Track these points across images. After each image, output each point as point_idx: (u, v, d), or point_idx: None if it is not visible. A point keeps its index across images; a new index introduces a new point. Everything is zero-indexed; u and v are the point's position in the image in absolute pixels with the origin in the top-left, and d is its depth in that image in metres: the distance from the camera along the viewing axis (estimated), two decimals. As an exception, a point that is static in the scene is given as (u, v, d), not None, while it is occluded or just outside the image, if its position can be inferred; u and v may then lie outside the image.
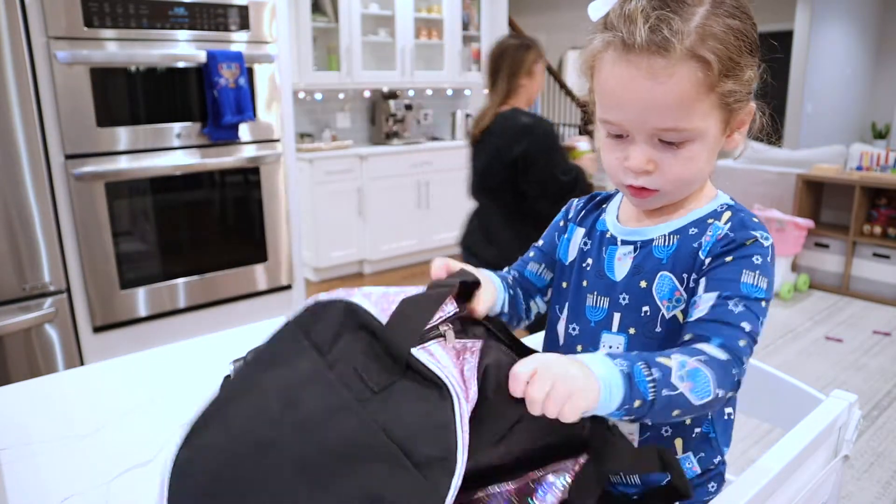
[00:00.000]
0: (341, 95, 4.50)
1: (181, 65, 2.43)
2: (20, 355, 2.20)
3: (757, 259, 0.68)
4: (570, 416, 0.54)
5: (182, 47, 2.43)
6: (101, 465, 0.85)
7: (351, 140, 4.46)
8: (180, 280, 2.58)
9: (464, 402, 0.55)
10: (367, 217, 4.24)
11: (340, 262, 4.26)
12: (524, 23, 7.24)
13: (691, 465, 0.76)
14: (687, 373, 0.60)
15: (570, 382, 0.55)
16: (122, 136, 2.35)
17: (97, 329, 2.41)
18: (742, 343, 0.65)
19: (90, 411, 1.00)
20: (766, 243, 0.69)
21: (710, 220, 0.72)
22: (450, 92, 5.08)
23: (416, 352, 0.57)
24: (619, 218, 0.80)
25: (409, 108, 4.58)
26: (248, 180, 2.71)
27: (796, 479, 0.74)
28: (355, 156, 4.14)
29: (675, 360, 0.61)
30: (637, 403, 0.58)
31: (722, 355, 0.63)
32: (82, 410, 1.00)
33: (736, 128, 0.72)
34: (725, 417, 0.78)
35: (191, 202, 2.59)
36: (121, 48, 2.29)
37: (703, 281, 0.69)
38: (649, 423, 0.66)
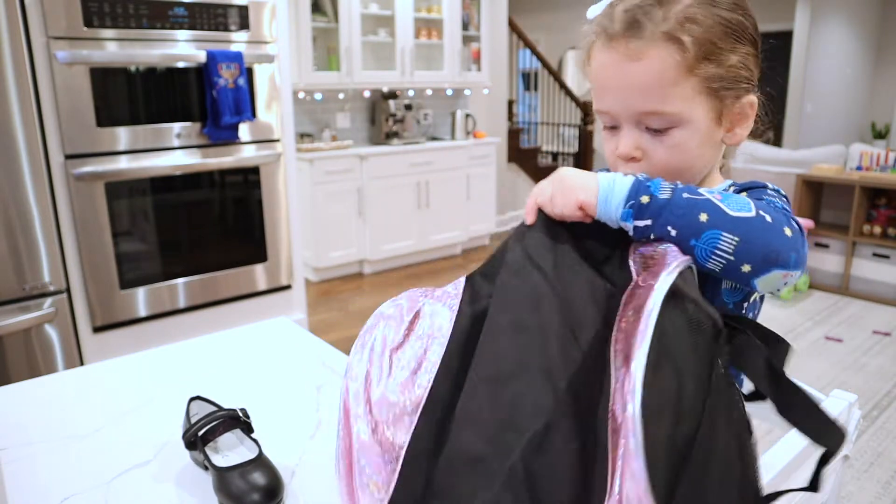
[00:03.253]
0: (341, 95, 4.49)
1: (181, 65, 2.43)
2: (20, 355, 2.20)
3: (772, 196, 0.66)
4: (564, 207, 0.59)
5: (182, 47, 2.43)
6: (101, 465, 0.85)
7: (351, 140, 4.46)
8: (180, 280, 2.58)
9: None
10: (366, 217, 4.24)
11: (340, 262, 4.26)
12: (524, 23, 7.24)
13: None
14: (717, 193, 0.58)
15: (564, 182, 0.60)
16: (122, 136, 2.35)
17: (97, 329, 2.41)
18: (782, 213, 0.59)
19: (90, 411, 1.00)
20: (777, 195, 0.67)
21: None
22: (450, 92, 5.08)
23: None
24: None
25: (408, 108, 4.58)
26: (247, 180, 2.71)
27: (796, 479, 0.74)
28: (355, 156, 4.14)
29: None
30: (644, 199, 0.56)
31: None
32: (82, 410, 1.00)
33: (736, 122, 0.70)
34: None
35: (191, 202, 2.59)
36: (121, 48, 2.29)
37: None
38: (673, 234, 0.55)
